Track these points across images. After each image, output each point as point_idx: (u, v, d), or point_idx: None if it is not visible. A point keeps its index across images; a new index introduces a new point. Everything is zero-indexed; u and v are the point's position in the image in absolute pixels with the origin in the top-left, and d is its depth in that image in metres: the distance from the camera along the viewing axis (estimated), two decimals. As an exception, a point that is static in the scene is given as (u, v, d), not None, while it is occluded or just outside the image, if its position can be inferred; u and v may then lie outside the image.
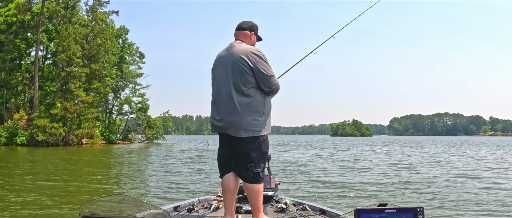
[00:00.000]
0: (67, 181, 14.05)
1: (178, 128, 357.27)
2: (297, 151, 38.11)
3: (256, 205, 3.77)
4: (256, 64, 3.77)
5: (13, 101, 54.46)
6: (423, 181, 14.43)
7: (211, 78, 4.08)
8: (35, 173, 16.49)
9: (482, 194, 11.36)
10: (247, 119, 3.74)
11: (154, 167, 19.99)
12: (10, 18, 55.02)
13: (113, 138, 61.74)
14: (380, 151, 39.06)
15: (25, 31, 56.23)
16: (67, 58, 51.25)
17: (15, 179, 14.43)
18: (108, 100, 66.85)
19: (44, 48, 59.97)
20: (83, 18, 58.63)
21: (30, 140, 48.64)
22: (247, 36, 4.06)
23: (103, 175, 16.34)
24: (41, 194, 10.95)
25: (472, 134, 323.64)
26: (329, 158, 27.07)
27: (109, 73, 61.91)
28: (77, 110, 51.39)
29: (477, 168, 19.87)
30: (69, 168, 19.09)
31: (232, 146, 3.90)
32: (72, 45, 51.49)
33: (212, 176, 15.71)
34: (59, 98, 51.80)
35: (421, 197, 10.83)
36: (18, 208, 8.96)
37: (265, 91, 3.87)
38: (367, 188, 12.50)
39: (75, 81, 52.24)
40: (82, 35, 54.36)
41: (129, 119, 72.48)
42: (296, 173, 16.69)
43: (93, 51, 55.28)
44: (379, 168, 19.87)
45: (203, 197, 4.99)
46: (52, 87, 54.28)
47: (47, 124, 48.74)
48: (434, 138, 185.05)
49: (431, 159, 26.52)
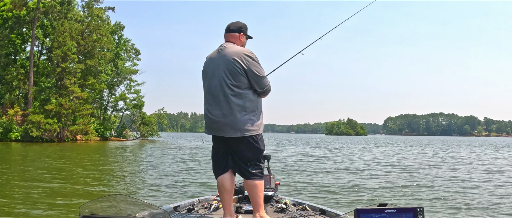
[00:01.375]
0: (63, 179, 14.01)
1: (173, 125, 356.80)
2: (293, 150, 38.07)
3: (257, 202, 3.80)
4: (249, 65, 3.81)
5: (7, 97, 54.23)
6: (423, 181, 14.47)
7: (202, 80, 4.09)
8: (31, 170, 16.44)
9: (480, 194, 11.42)
10: (243, 119, 3.78)
11: (151, 165, 19.89)
12: (5, 13, 54.78)
13: (107, 134, 61.64)
14: (377, 151, 39.10)
15: (21, 26, 56.00)
16: (62, 54, 51.12)
17: (10, 176, 14.39)
18: (103, 97, 66.66)
19: (40, 43, 59.70)
20: (79, 14, 58.44)
21: (25, 136, 48.48)
22: (236, 38, 4.07)
23: (98, 173, 16.29)
24: (38, 191, 10.93)
25: (467, 134, 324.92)
26: (323, 156, 27.05)
27: (104, 70, 61.79)
28: (72, 106, 51.30)
29: (475, 169, 19.95)
30: (64, 165, 19.01)
31: (227, 147, 3.93)
32: (67, 41, 51.36)
33: (210, 175, 15.68)
34: (54, 94, 51.67)
35: (421, 197, 10.86)
36: (14, 206, 8.94)
37: (258, 92, 3.90)
38: (366, 188, 12.52)
39: (70, 77, 52.10)
40: (78, 31, 54.21)
41: (124, 116, 72.28)
42: (294, 173, 16.67)
43: (89, 47, 55.08)
44: (378, 167, 19.91)
45: (203, 197, 5.00)
46: (47, 83, 54.08)
47: (41, 120, 48.62)
48: (428, 138, 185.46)
49: (429, 159, 26.58)
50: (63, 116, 50.89)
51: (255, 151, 3.88)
